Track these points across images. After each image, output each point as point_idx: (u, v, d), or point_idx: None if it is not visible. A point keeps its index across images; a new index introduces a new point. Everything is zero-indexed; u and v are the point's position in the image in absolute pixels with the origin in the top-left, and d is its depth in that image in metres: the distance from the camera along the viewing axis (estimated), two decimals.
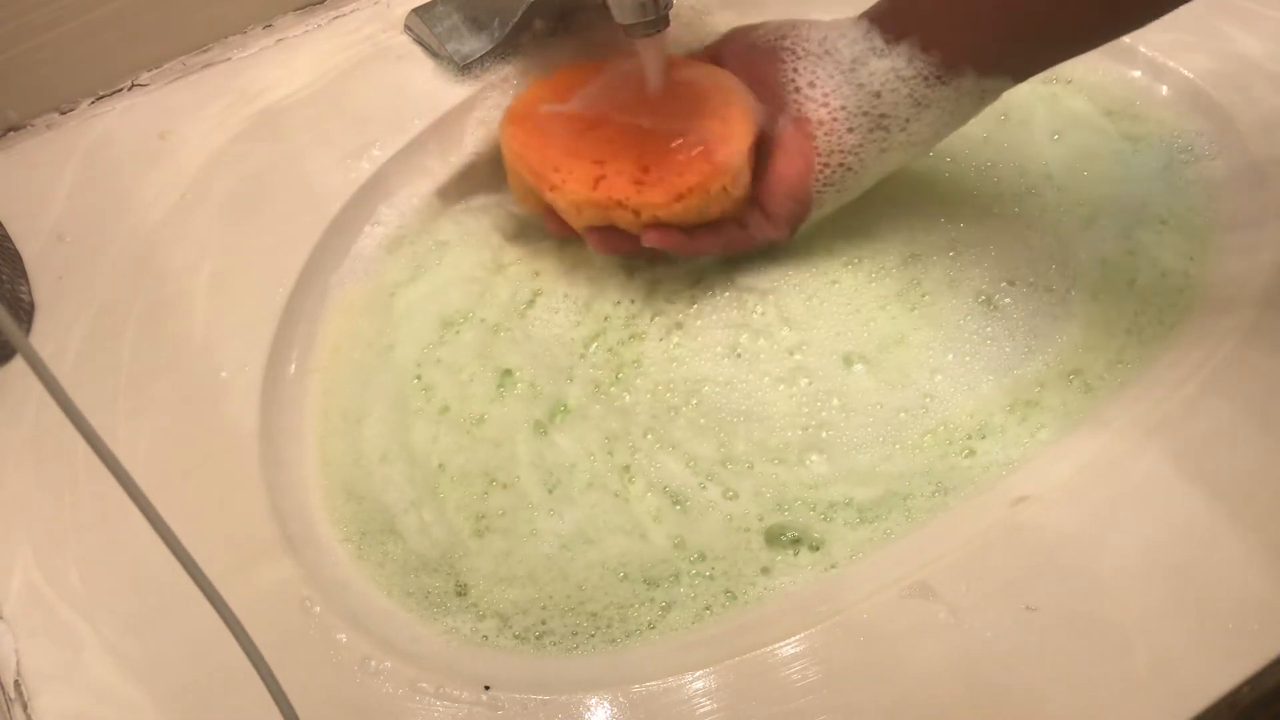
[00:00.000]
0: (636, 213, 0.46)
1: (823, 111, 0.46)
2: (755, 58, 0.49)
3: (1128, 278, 0.50)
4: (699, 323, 0.50)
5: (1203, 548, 0.38)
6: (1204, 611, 0.37)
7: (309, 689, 0.36)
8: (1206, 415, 0.42)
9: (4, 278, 0.45)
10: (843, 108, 0.46)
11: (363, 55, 0.56)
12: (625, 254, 0.50)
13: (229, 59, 0.56)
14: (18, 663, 0.37)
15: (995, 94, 0.45)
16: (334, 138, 0.52)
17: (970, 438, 0.45)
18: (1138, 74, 0.56)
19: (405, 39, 0.56)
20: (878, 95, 0.45)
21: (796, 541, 0.43)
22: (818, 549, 0.43)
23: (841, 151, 0.47)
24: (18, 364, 0.44)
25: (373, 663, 0.37)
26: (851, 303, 0.50)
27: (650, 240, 0.47)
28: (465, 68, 0.54)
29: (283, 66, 0.55)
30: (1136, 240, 0.51)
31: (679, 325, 0.50)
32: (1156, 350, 0.46)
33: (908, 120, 0.46)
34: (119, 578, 0.39)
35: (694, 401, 0.47)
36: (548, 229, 0.50)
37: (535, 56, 0.55)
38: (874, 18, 0.47)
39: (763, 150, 0.48)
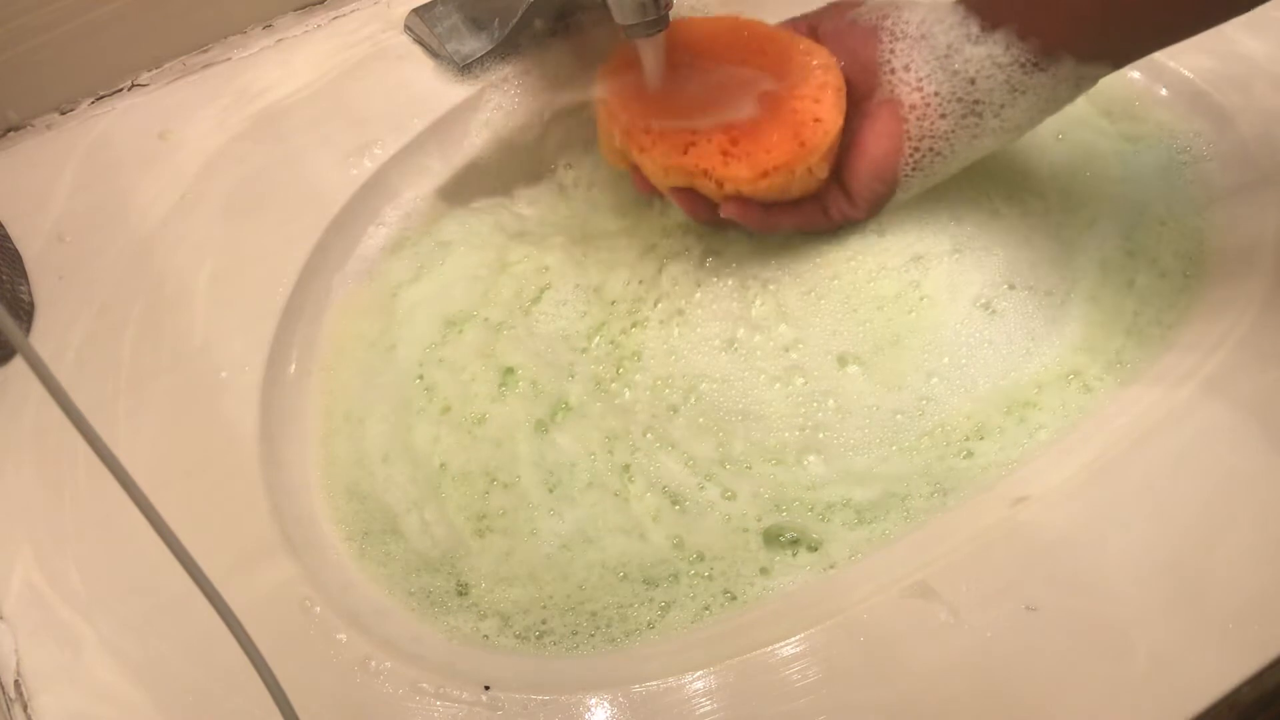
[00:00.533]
0: (720, 184, 0.47)
1: (916, 95, 0.46)
2: (854, 34, 0.48)
3: (1127, 278, 0.50)
4: (700, 311, 0.50)
5: (1203, 547, 0.38)
6: (1204, 611, 0.37)
7: (309, 689, 0.36)
8: (1205, 416, 0.42)
9: (4, 278, 0.45)
10: (936, 93, 0.46)
11: (363, 55, 0.56)
12: (705, 221, 0.50)
13: (229, 59, 0.56)
14: (18, 663, 0.37)
15: (1092, 81, 0.45)
16: (334, 138, 0.52)
17: (968, 439, 0.45)
18: (1137, 75, 0.56)
19: (405, 39, 0.56)
20: (972, 81, 0.45)
21: (795, 542, 0.43)
22: (816, 549, 0.43)
23: (933, 137, 0.47)
24: (18, 364, 0.44)
25: (373, 663, 0.37)
26: (849, 301, 0.50)
27: (728, 212, 0.47)
28: (465, 68, 0.54)
29: (283, 66, 0.55)
30: (1136, 241, 0.51)
31: (680, 311, 0.50)
32: (1155, 351, 0.46)
33: (1002, 106, 0.45)
34: (119, 578, 0.39)
35: (692, 400, 0.47)
36: (636, 187, 0.51)
37: (535, 56, 0.55)
38: (971, 4, 0.46)
39: (851, 129, 0.48)
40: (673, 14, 0.46)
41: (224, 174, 0.51)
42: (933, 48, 0.46)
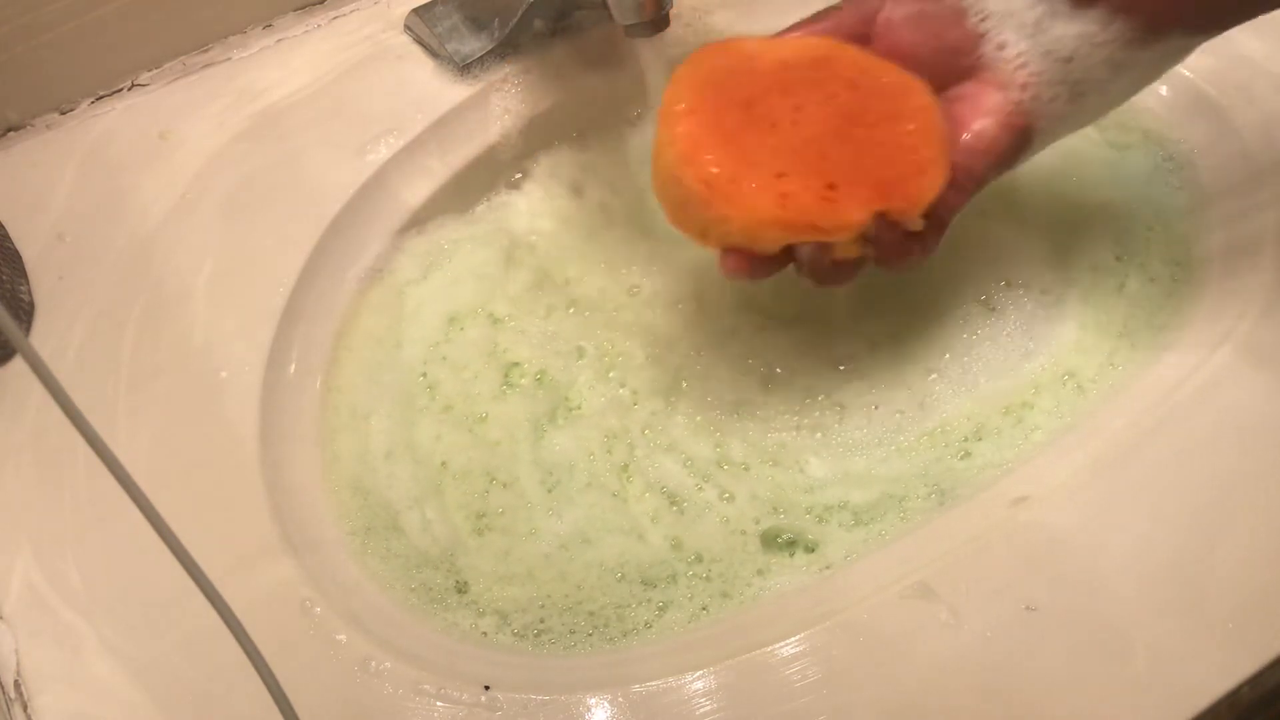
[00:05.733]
0: (824, 231, 0.38)
1: (1022, 74, 0.41)
2: (930, 23, 0.42)
3: (1117, 282, 0.50)
4: (697, 300, 0.50)
5: (1202, 547, 0.38)
6: (1204, 611, 0.37)
7: (309, 689, 0.36)
8: (1200, 417, 0.42)
9: (4, 278, 0.45)
10: (1038, 73, 0.40)
11: (363, 55, 0.56)
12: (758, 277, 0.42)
13: (229, 59, 0.56)
14: (18, 663, 0.37)
15: (1191, 49, 0.41)
16: (334, 138, 0.52)
17: (966, 440, 0.45)
18: None
19: (405, 39, 0.56)
20: (1069, 60, 0.40)
21: (792, 544, 0.43)
22: (813, 551, 0.43)
23: (1049, 117, 0.41)
24: (18, 364, 0.44)
25: (373, 663, 0.37)
26: (845, 300, 0.50)
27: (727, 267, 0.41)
28: (465, 68, 0.54)
29: (283, 66, 0.55)
30: (1125, 246, 0.51)
31: (675, 301, 0.50)
32: (1149, 354, 0.46)
33: (1106, 82, 0.41)
34: (119, 578, 0.39)
35: (690, 396, 0.47)
36: (726, 267, 0.41)
37: (535, 56, 0.55)
38: None
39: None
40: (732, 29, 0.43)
41: (224, 174, 0.51)
42: (1020, 24, 0.41)
